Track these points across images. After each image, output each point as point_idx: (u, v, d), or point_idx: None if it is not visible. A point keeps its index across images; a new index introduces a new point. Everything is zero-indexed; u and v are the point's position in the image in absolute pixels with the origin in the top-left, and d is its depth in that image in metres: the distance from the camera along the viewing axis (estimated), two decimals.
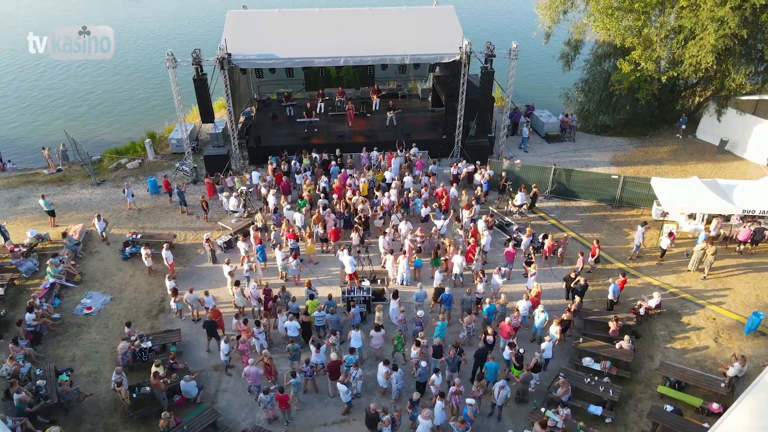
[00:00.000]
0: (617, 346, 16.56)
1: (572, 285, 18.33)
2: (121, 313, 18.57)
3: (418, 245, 20.07)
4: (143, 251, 19.68)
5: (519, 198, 22.48)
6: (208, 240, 20.41)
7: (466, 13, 53.48)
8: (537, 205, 24.65)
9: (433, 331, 16.72)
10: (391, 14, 28.00)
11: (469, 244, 20.19)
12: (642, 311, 18.08)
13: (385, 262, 19.89)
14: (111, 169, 27.92)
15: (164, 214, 23.90)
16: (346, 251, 18.81)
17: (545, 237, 20.71)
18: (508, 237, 21.88)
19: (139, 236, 21.28)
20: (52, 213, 22.31)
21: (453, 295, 18.03)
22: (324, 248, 21.57)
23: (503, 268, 19.39)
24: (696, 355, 17.04)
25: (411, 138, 27.44)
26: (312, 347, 15.67)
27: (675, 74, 26.91)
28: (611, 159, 28.53)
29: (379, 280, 19.11)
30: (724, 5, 24.09)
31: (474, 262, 19.59)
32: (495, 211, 23.13)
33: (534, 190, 23.17)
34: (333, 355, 15.10)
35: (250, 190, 23.36)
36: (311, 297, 17.56)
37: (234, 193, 22.61)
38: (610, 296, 18.33)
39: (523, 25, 46.48)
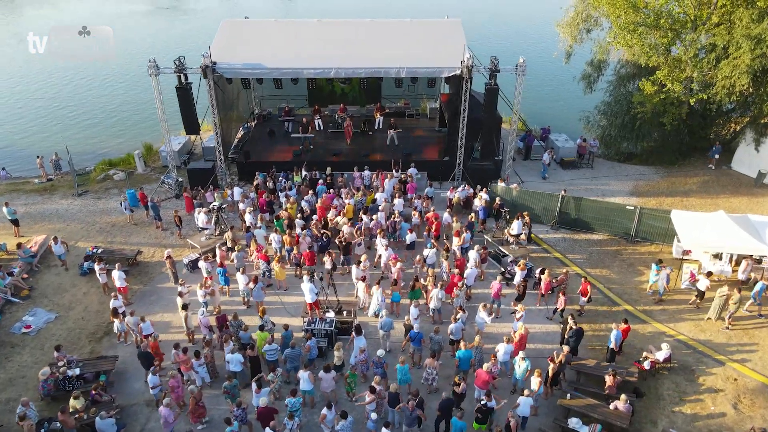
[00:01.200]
0: (612, 406, 13.90)
1: (565, 328, 15.81)
2: (63, 334, 17.03)
3: (394, 277, 17.93)
4: (96, 267, 18.19)
5: (516, 227, 20.08)
6: (169, 258, 18.79)
7: (484, 32, 52.15)
8: (542, 236, 22.24)
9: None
10: (393, 26, 26.37)
11: (453, 275, 17.92)
12: (647, 365, 15.35)
13: (357, 291, 17.82)
14: (98, 180, 26.92)
15: (138, 228, 22.54)
16: (306, 278, 16.82)
17: (542, 272, 18.24)
18: (501, 271, 19.53)
19: (99, 251, 19.87)
20: (15, 222, 21.21)
21: (424, 333, 15.78)
22: (297, 273, 19.69)
23: (490, 305, 16.99)
24: (710, 424, 14.19)
25: (411, 158, 25.54)
26: (253, 386, 13.65)
27: (705, 97, 24.21)
28: (632, 189, 25.82)
29: (345, 312, 17.01)
30: (762, 22, 21.50)
31: (456, 296, 17.29)
32: (490, 240, 20.80)
33: (526, 218, 20.70)
34: (263, 400, 12.98)
35: (224, 206, 21.75)
36: (261, 328, 15.58)
37: (204, 209, 21.03)
38: (611, 345, 15.69)
39: (543, 45, 44.32)
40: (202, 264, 18.43)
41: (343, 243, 19.76)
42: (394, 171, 24.25)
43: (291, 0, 77.60)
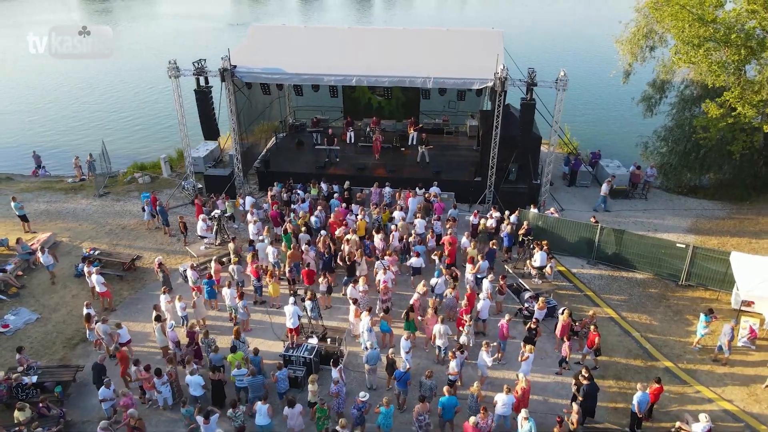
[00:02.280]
0: None
1: (574, 384, 13.28)
2: (39, 336, 16.24)
3: (384, 305, 16.02)
4: (86, 269, 17.42)
5: (539, 258, 17.63)
6: (161, 265, 17.79)
7: (538, 47, 49.61)
8: (576, 270, 19.66)
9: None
10: (428, 35, 24.75)
11: (460, 308, 15.80)
12: None
13: (350, 316, 16.05)
14: (125, 182, 26.74)
15: (146, 232, 21.84)
16: (292, 299, 15.19)
17: (563, 312, 15.74)
18: (519, 307, 17.18)
19: (96, 252, 19.19)
20: (23, 218, 20.98)
21: (411, 374, 13.74)
22: (291, 291, 18.16)
23: (494, 345, 14.71)
24: None
25: (441, 177, 23.67)
26: (199, 418, 12.10)
27: None
28: (690, 226, 22.62)
29: (330, 339, 15.22)
30: None
31: (464, 333, 15.11)
32: (511, 270, 18.45)
33: (544, 247, 18.16)
34: None
35: (227, 215, 20.65)
36: (232, 349, 14.07)
37: (202, 216, 19.98)
38: (634, 409, 13.00)
39: (601, 63, 41.29)
40: (189, 273, 17.29)
41: (348, 262, 18.10)
42: (417, 189, 22.44)
43: (365, 11, 78.43)
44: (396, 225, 19.94)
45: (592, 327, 14.74)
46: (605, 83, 33.53)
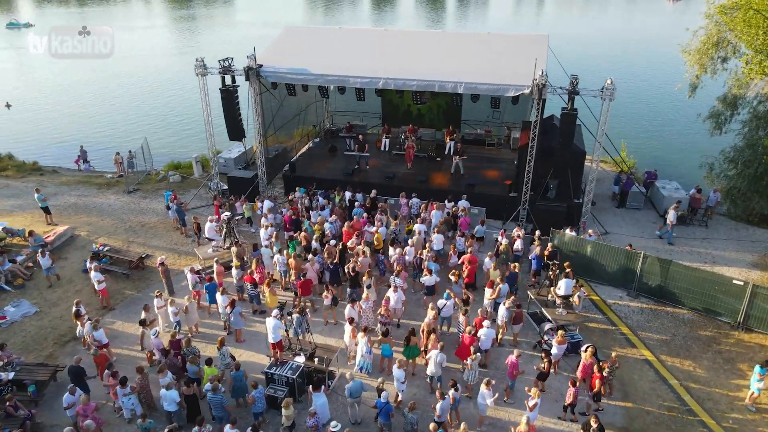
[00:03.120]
0: None
1: None
2: (33, 331, 15.93)
3: (382, 324, 14.58)
4: (89, 265, 17.08)
5: (564, 285, 15.60)
6: (162, 265, 17.19)
7: (597, 56, 46.76)
8: (612, 301, 17.48)
9: None
10: (467, 39, 23.40)
11: (464, 335, 14.14)
12: None
13: (345, 335, 14.72)
14: (158, 180, 26.75)
15: (164, 231, 21.47)
16: (276, 311, 14.03)
17: (586, 349, 13.73)
18: (538, 340, 15.29)
19: (106, 249, 18.88)
20: (46, 210, 21.13)
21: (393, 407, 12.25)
22: (296, 302, 17.09)
23: (494, 383, 12.94)
24: None
25: (474, 190, 22.03)
26: None
27: None
28: (756, 260, 19.77)
29: (318, 359, 13.92)
30: None
31: (467, 368, 13.44)
32: (533, 298, 16.52)
33: (568, 272, 16.07)
34: None
35: (237, 218, 19.89)
36: (208, 362, 13.08)
37: (210, 217, 19.28)
38: None
39: (665, 74, 38.07)
40: (188, 276, 16.57)
41: (353, 273, 16.82)
42: (446, 202, 20.90)
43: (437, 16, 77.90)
44: (413, 239, 18.53)
45: (595, 368, 12.74)
46: (669, 97, 30.66)
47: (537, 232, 18.99)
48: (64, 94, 44.84)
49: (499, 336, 15.42)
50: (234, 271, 16.91)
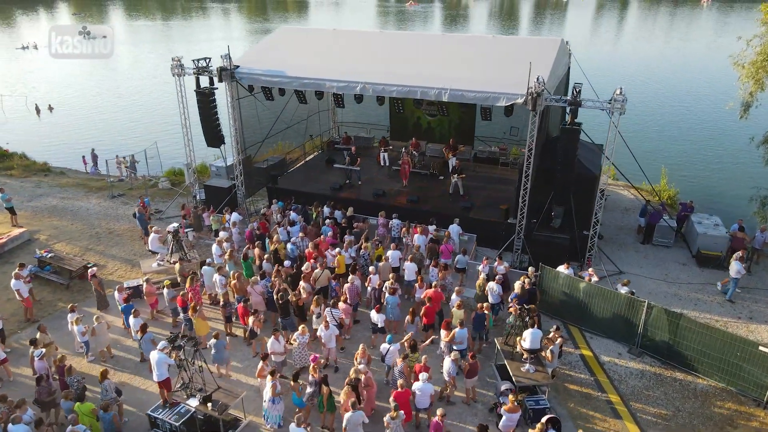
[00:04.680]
0: None
1: None
2: None
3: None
4: (16, 272, 15.74)
5: (529, 338, 12.54)
6: (94, 277, 15.65)
7: (640, 71, 42.38)
8: (607, 359, 14.27)
9: None
10: (470, 42, 20.81)
11: (393, 390, 11.52)
12: None
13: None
14: (149, 186, 25.72)
15: (129, 240, 20.11)
16: (162, 343, 11.90)
17: (551, 422, 10.74)
18: (494, 402, 12.41)
19: (49, 256, 17.61)
20: (11, 210, 20.28)
21: None
22: (228, 330, 15.04)
23: None
24: None
25: (470, 214, 19.38)
26: None
27: None
28: None
29: (213, 403, 11.66)
30: None
31: (386, 425, 10.86)
32: (499, 347, 13.56)
33: (558, 337, 13.02)
34: None
35: (189, 230, 18.16)
36: (80, 398, 11.18)
37: (154, 228, 17.60)
38: None
39: (715, 92, 33.60)
40: (116, 295, 14.89)
41: (299, 303, 14.62)
42: (431, 226, 18.31)
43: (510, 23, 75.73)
44: (380, 266, 16.07)
45: None
46: (719, 117, 26.55)
47: (530, 269, 16.06)
48: (104, 100, 45.69)
49: (447, 392, 12.64)
50: (165, 291, 15.09)
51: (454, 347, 13.24)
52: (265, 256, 16.38)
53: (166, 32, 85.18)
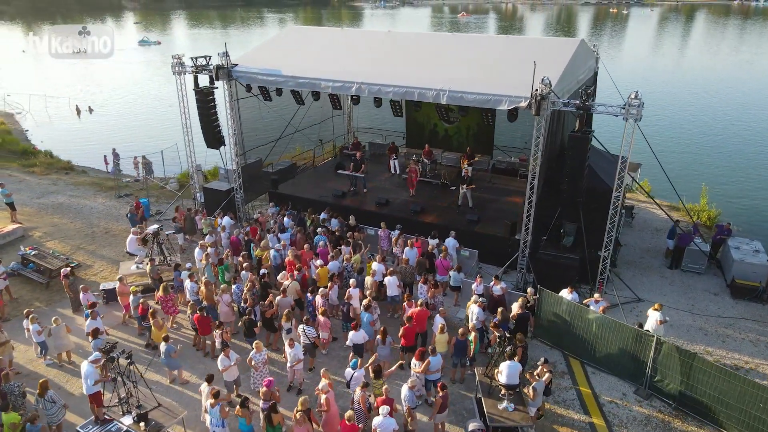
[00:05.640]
0: None
1: None
2: None
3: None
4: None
5: (505, 372, 10.87)
6: (65, 278, 15.09)
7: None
8: (608, 399, 12.44)
9: None
10: (479, 42, 19.39)
11: (344, 422, 10.19)
12: None
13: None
14: (159, 187, 25.44)
15: (123, 241, 19.49)
16: (96, 354, 10.95)
17: None
18: None
19: (32, 253, 17.23)
20: (11, 205, 20.21)
21: None
22: (195, 342, 14.11)
23: None
24: None
25: (476, 228, 17.89)
26: None
27: None
28: None
29: (147, 423, 10.62)
30: None
31: None
32: (478, 380, 11.93)
33: (546, 372, 11.32)
34: None
35: (171, 233, 17.42)
36: (4, 407, 10.40)
37: (133, 229, 16.92)
38: None
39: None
40: (81, 296, 14.24)
41: (266, 315, 13.57)
42: (429, 238, 16.88)
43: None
44: (366, 280, 14.83)
45: None
46: None
47: (529, 290, 14.39)
48: (143, 103, 46.53)
49: (410, 426, 11.16)
50: (131, 297, 14.30)
51: (427, 377, 11.83)
52: (244, 264, 15.39)
53: (223, 41, 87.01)
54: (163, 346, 12.00)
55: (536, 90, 14.13)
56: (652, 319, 13.25)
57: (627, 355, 12.72)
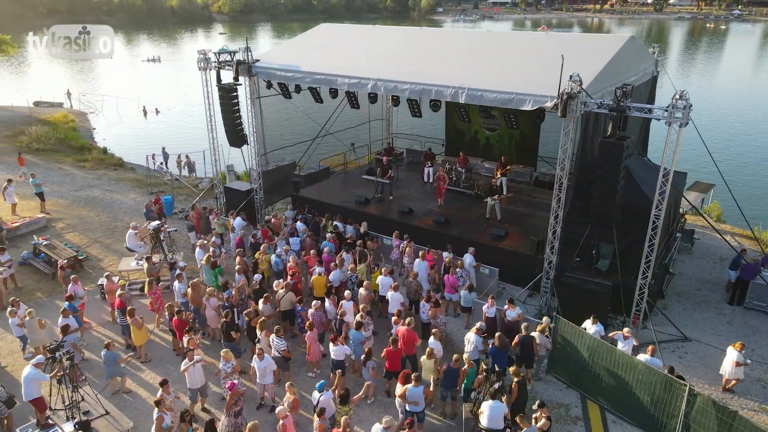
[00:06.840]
0: None
1: None
2: None
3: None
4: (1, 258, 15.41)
5: (487, 413, 9.08)
6: (62, 269, 14.78)
7: None
8: None
9: None
10: (513, 39, 17.73)
11: None
12: None
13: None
14: (193, 186, 25.35)
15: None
16: (39, 357, 10.16)
17: None
18: None
19: (43, 243, 17.16)
20: (40, 195, 20.47)
21: None
22: (176, 348, 13.28)
23: None
24: None
25: (501, 244, 16.12)
26: None
27: None
28: None
29: None
30: None
31: None
32: (465, 417, 10.17)
33: (543, 418, 9.39)
34: None
35: (172, 230, 16.77)
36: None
37: (132, 223, 16.37)
38: None
39: None
40: (70, 286, 13.82)
41: (251, 324, 12.54)
42: (444, 253, 15.29)
43: None
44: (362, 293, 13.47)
45: None
46: None
47: (545, 319, 12.47)
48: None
49: None
50: (119, 291, 13.69)
51: (407, 408, 10.28)
52: (236, 267, 14.48)
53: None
54: (104, 352, 11.14)
55: (563, 89, 12.31)
56: (729, 359, 11.22)
57: (654, 405, 10.57)
